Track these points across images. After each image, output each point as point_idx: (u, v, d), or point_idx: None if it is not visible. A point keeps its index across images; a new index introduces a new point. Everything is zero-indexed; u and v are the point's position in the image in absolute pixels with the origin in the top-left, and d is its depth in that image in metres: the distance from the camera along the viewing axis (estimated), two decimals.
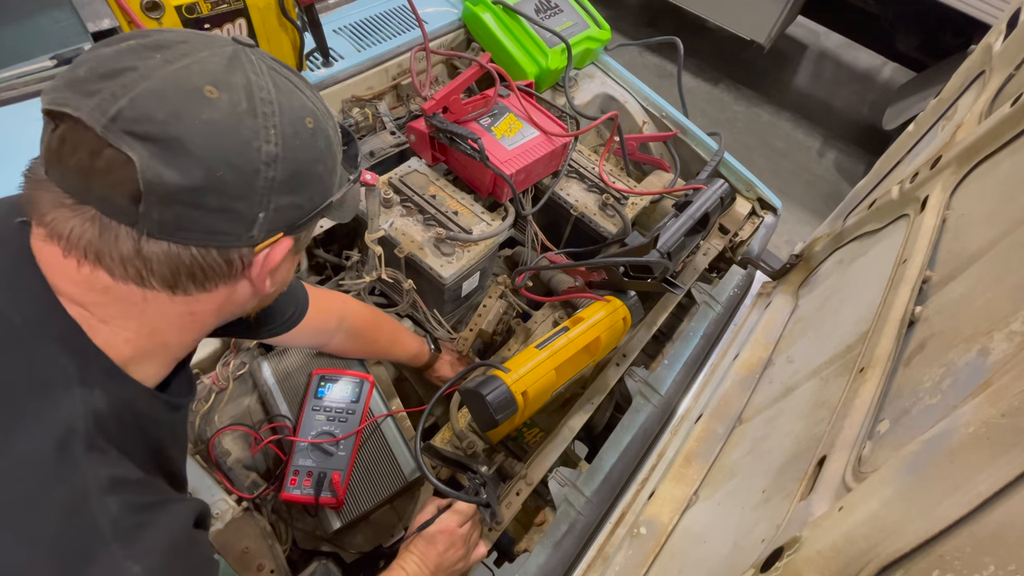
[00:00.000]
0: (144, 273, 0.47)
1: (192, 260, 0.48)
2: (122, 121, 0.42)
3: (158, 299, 0.50)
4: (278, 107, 0.48)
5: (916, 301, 0.78)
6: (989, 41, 1.09)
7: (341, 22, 1.59)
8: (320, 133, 0.53)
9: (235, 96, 0.46)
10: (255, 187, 0.47)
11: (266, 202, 0.48)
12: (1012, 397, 0.44)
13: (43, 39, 1.53)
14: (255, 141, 0.46)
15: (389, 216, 1.27)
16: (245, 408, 1.14)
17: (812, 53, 4.73)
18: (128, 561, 0.45)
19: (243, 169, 0.46)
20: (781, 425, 0.90)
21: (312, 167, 0.52)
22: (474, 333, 1.31)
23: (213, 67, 0.47)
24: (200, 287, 0.50)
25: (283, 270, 0.58)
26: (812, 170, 3.81)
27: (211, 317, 0.55)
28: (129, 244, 0.45)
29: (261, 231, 0.50)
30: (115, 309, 0.49)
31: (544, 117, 1.46)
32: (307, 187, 0.52)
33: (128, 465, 0.50)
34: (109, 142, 0.42)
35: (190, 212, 0.45)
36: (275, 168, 0.48)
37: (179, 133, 0.43)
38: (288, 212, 0.51)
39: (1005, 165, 0.82)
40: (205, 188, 0.45)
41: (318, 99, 0.55)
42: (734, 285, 1.46)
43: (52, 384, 0.47)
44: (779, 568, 0.55)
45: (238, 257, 0.50)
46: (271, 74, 0.50)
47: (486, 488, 0.94)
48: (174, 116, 0.43)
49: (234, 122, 0.46)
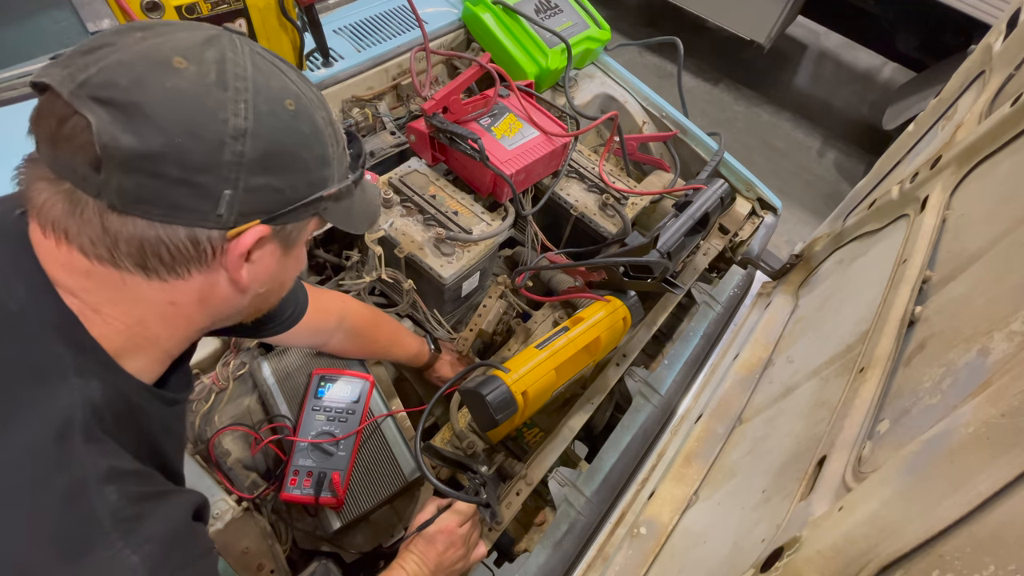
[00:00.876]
0: (114, 252, 0.47)
1: (158, 239, 0.47)
2: (88, 87, 0.43)
3: (137, 284, 0.49)
4: (252, 83, 0.47)
5: (916, 301, 0.78)
6: (989, 41, 1.09)
7: (341, 22, 1.59)
8: (304, 117, 0.51)
9: (204, 68, 0.46)
10: (220, 160, 0.46)
11: (234, 178, 0.47)
12: (1012, 397, 0.44)
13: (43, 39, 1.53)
14: (221, 112, 0.46)
15: (389, 216, 1.27)
16: (245, 408, 1.14)
17: (812, 53, 4.73)
18: (127, 551, 0.45)
19: (206, 139, 0.45)
20: (781, 425, 0.90)
21: (293, 150, 0.51)
22: (474, 333, 1.31)
23: (187, 42, 0.47)
24: (171, 271, 0.49)
25: (267, 265, 0.56)
26: (812, 170, 3.81)
27: (196, 310, 0.54)
28: (96, 219, 0.45)
29: (231, 212, 0.48)
30: (101, 295, 0.49)
31: (544, 117, 1.46)
32: (287, 170, 0.51)
33: (125, 456, 0.50)
34: (75, 108, 0.42)
35: (150, 182, 0.44)
36: (243, 143, 0.46)
37: (140, 99, 0.43)
38: (264, 195, 0.50)
39: (1005, 165, 0.82)
40: (164, 155, 0.44)
41: (310, 89, 0.54)
42: (734, 285, 1.46)
43: (49, 374, 0.47)
44: (779, 568, 0.55)
45: (207, 239, 0.49)
46: (252, 56, 0.49)
47: (486, 488, 0.94)
48: (137, 83, 0.43)
49: (200, 92, 0.45)
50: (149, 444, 0.56)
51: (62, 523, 0.44)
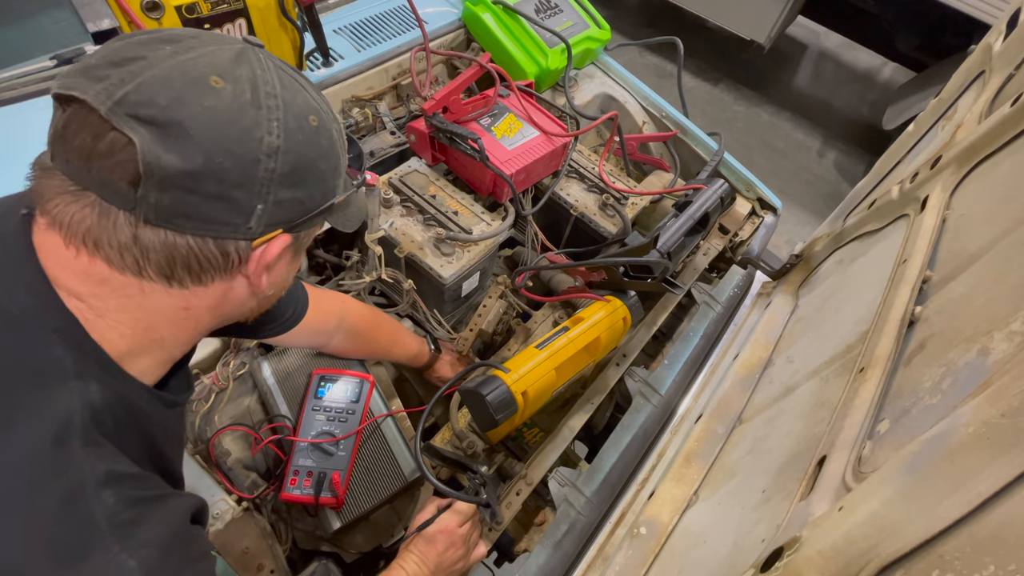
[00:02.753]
0: (141, 262, 0.47)
1: (188, 250, 0.48)
2: (127, 104, 0.43)
3: (155, 291, 0.50)
4: (282, 102, 0.49)
5: (916, 301, 0.78)
6: (989, 41, 1.09)
7: (341, 22, 1.59)
8: (324, 132, 0.53)
9: (239, 87, 0.47)
10: (254, 177, 0.47)
11: (265, 193, 0.49)
12: (1012, 397, 0.44)
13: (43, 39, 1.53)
14: (256, 131, 0.47)
15: (389, 216, 1.27)
16: (245, 408, 1.14)
17: (812, 53, 4.73)
18: (124, 555, 0.45)
19: (243, 157, 0.46)
20: (781, 425, 0.90)
21: (315, 163, 0.52)
22: (474, 333, 1.31)
23: (220, 60, 0.47)
24: (196, 280, 0.50)
25: (281, 270, 0.58)
26: (812, 170, 3.81)
27: (206, 314, 0.55)
28: (127, 231, 0.46)
29: (259, 224, 0.50)
30: (112, 302, 0.49)
31: (544, 117, 1.46)
32: (309, 183, 0.53)
33: (124, 460, 0.50)
34: (113, 124, 0.43)
35: (188, 198, 0.45)
36: (276, 160, 0.48)
37: (181, 118, 0.44)
38: (288, 207, 0.51)
39: (1005, 165, 0.82)
40: (204, 173, 0.45)
41: (323, 101, 0.56)
42: (734, 285, 1.46)
43: (49, 377, 0.47)
44: (779, 568, 0.55)
45: (234, 250, 0.50)
46: (278, 72, 0.50)
47: (486, 488, 0.94)
48: (177, 101, 0.44)
49: (237, 111, 0.46)
50: (148, 446, 0.56)
51: (59, 527, 0.44)
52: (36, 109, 1.09)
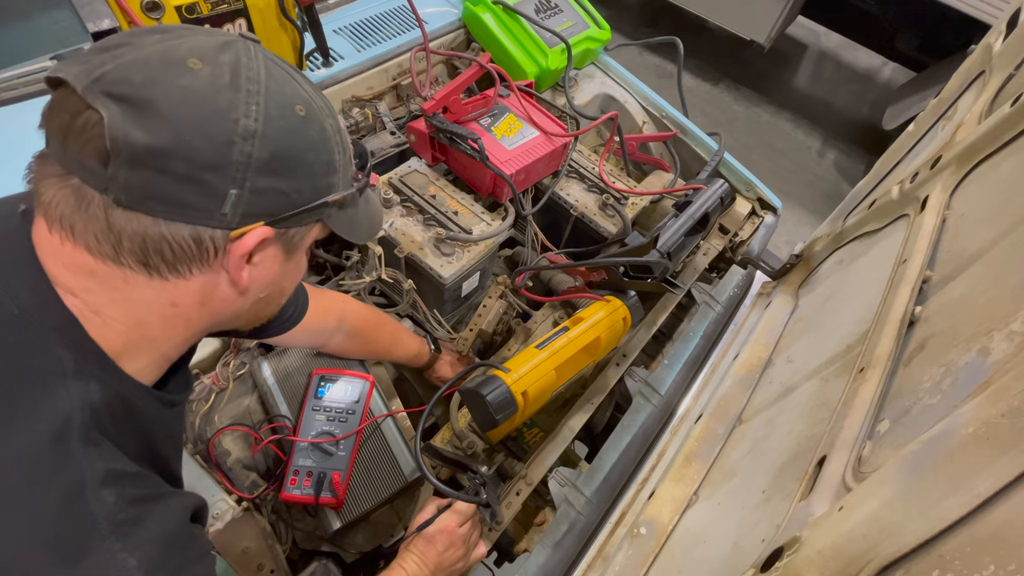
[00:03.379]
0: (117, 248, 0.47)
1: (160, 236, 0.47)
2: (103, 83, 0.43)
3: (137, 281, 0.49)
4: (265, 88, 0.48)
5: (916, 301, 0.78)
6: (989, 41, 1.09)
7: (341, 22, 1.59)
8: (313, 123, 0.52)
9: (219, 70, 0.47)
10: (228, 159, 0.46)
11: (240, 178, 0.47)
12: (1012, 397, 0.44)
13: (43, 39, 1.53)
14: (232, 113, 0.46)
15: (389, 216, 1.27)
16: (245, 408, 1.14)
17: (812, 53, 4.74)
18: (124, 553, 0.45)
19: (215, 137, 0.45)
20: (781, 425, 0.90)
21: (301, 154, 0.51)
22: (474, 333, 1.31)
23: (204, 45, 0.47)
24: (172, 269, 0.49)
25: (268, 268, 0.56)
26: (812, 170, 3.81)
27: (195, 313, 0.54)
28: (101, 215, 0.45)
29: (235, 212, 0.48)
30: (103, 296, 0.49)
31: (544, 117, 1.46)
32: (294, 174, 0.51)
33: (123, 459, 0.50)
34: (88, 102, 0.43)
35: (157, 178, 0.45)
36: (252, 143, 0.47)
37: (153, 95, 0.44)
38: (270, 197, 0.50)
39: (1005, 165, 0.82)
40: (173, 151, 0.44)
41: (321, 98, 0.55)
42: (734, 285, 1.46)
43: (48, 376, 0.47)
44: (779, 568, 0.55)
45: (209, 238, 0.49)
46: (266, 62, 0.50)
47: (486, 488, 0.94)
48: (151, 80, 0.44)
49: (212, 92, 0.46)
50: (147, 446, 0.56)
51: (59, 526, 0.44)
52: (36, 109, 1.09)
